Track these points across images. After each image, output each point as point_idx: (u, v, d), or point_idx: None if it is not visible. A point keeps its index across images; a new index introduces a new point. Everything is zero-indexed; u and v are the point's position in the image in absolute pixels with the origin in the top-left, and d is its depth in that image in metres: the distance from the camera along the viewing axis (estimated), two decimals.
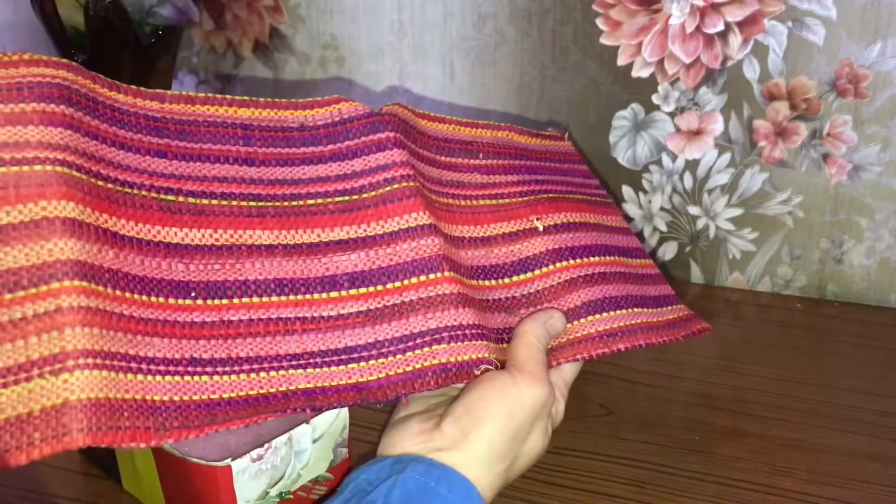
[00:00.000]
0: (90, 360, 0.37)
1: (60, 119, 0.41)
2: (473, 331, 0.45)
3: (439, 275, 0.46)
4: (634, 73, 0.82)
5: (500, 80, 0.86)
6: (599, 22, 0.81)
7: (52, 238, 0.38)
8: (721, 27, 0.78)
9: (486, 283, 0.50)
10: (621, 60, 0.82)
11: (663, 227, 0.86)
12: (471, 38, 0.86)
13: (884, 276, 0.82)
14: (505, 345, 0.48)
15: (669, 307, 0.56)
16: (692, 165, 0.83)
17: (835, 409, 0.64)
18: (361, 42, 0.89)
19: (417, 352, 0.44)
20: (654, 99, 0.82)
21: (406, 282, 0.46)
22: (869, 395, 0.66)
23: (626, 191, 0.86)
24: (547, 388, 0.46)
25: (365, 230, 0.47)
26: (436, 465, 0.43)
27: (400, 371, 0.44)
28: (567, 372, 0.51)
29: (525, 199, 0.54)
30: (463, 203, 0.52)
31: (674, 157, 0.83)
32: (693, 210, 0.85)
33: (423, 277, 0.46)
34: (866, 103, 0.77)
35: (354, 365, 0.44)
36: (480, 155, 0.54)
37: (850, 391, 0.66)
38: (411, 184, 0.48)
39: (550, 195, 0.55)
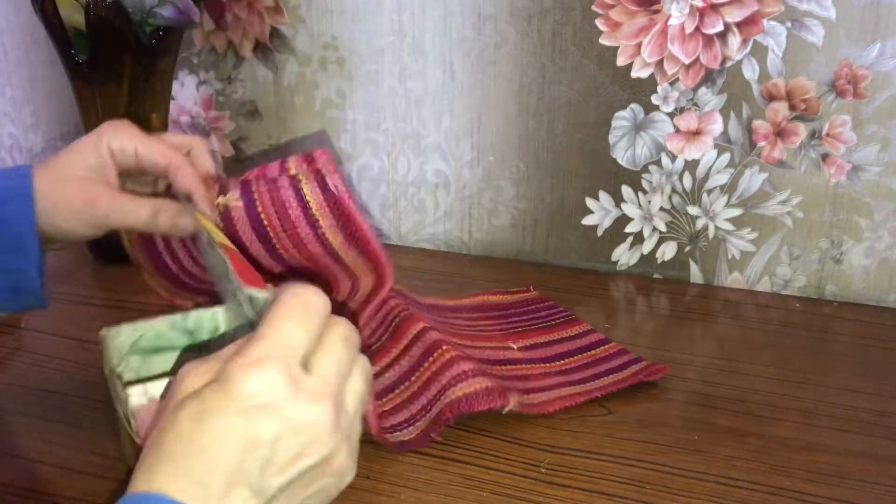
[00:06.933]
0: None
1: None
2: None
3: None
4: (634, 74, 0.82)
5: (500, 80, 0.86)
6: (599, 22, 0.81)
7: None
8: (720, 28, 0.78)
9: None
10: (621, 61, 0.82)
11: (663, 228, 0.86)
12: (471, 38, 0.86)
13: (883, 275, 0.82)
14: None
15: (634, 366, 0.68)
16: (691, 166, 0.83)
17: (834, 409, 0.64)
18: (361, 42, 0.89)
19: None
20: (654, 99, 0.82)
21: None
22: (868, 395, 0.66)
23: (626, 191, 0.86)
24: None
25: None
26: None
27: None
28: None
29: (501, 332, 0.73)
30: (451, 331, 0.70)
31: (673, 158, 0.83)
32: (692, 210, 0.85)
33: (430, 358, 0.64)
34: (865, 103, 0.77)
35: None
36: (463, 313, 0.76)
37: (850, 391, 0.66)
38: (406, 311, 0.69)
39: (520, 329, 0.74)
